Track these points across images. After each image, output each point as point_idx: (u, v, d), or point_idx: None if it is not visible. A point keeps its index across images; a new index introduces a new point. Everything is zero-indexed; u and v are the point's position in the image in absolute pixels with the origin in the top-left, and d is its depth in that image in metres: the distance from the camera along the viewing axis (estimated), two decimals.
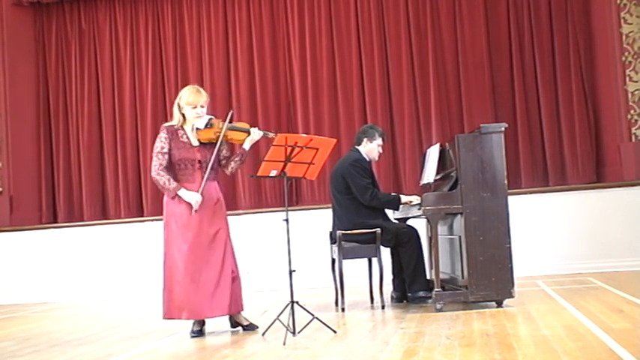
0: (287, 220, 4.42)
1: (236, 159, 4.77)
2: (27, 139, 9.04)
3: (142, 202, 8.78)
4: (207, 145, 4.65)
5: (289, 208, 4.47)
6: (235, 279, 4.68)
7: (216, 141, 4.62)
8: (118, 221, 8.60)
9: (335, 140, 4.63)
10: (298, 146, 4.37)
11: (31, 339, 5.05)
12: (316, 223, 7.19)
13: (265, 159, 4.42)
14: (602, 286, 5.83)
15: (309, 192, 8.28)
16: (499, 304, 4.88)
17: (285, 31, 8.58)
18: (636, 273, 6.70)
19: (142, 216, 8.63)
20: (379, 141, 5.64)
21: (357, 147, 5.65)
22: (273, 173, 4.47)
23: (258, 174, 4.51)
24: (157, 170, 4.58)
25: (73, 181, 9.00)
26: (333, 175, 5.64)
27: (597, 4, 7.75)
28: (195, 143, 4.66)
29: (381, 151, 5.71)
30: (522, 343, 3.53)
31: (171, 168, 4.61)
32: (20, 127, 8.98)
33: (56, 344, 4.70)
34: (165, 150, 4.59)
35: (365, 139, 5.61)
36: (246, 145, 4.72)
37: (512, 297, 4.86)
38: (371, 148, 5.62)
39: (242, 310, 4.73)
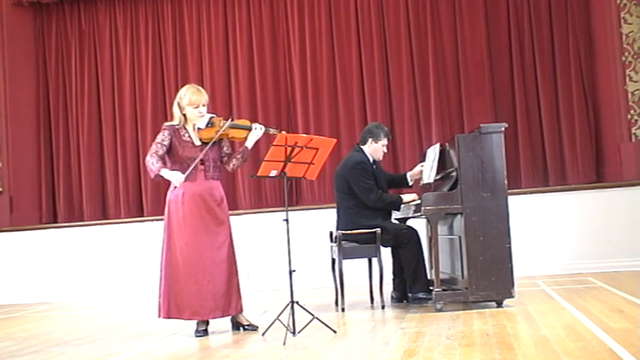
0: (287, 220, 4.42)
1: (238, 156, 4.77)
2: (27, 139, 9.04)
3: (142, 202, 8.77)
4: (209, 144, 4.65)
5: (289, 208, 4.48)
6: (237, 280, 4.69)
7: (218, 139, 4.63)
8: (118, 221, 8.59)
9: (335, 140, 4.64)
10: (298, 146, 4.37)
11: (31, 339, 5.05)
12: (316, 223, 7.20)
13: (265, 159, 4.42)
14: (602, 286, 5.83)
15: (309, 192, 8.27)
16: (499, 304, 4.88)
17: (285, 31, 8.57)
18: (636, 273, 6.69)
19: (142, 216, 8.63)
20: (384, 141, 5.63)
21: (360, 146, 5.64)
22: (273, 173, 4.47)
23: (258, 174, 4.52)
24: (150, 154, 4.58)
25: (73, 181, 8.99)
26: (336, 175, 5.65)
27: (597, 4, 7.75)
28: (198, 143, 4.66)
29: (385, 150, 5.70)
30: (522, 343, 3.53)
31: (174, 166, 4.61)
32: (20, 127, 8.98)
33: (56, 344, 4.70)
34: (165, 143, 4.59)
35: (370, 139, 5.60)
36: (249, 143, 4.72)
37: (512, 297, 4.86)
38: (376, 148, 5.62)
39: (242, 311, 4.73)
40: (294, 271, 4.38)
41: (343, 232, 5.41)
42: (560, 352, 3.23)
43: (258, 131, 4.70)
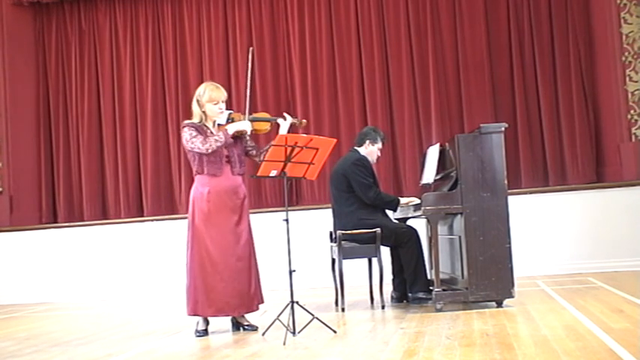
0: (287, 220, 4.43)
1: (267, 148, 4.79)
2: (27, 139, 9.03)
3: (142, 202, 8.77)
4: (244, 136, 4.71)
5: (289, 208, 4.48)
6: (258, 276, 4.75)
7: (240, 135, 4.69)
8: (118, 221, 8.59)
9: (335, 140, 4.64)
10: (298, 146, 4.37)
11: (31, 339, 5.05)
12: (316, 223, 7.19)
13: (265, 159, 4.42)
14: (602, 286, 5.83)
15: (309, 192, 8.28)
16: (499, 304, 4.88)
17: (285, 31, 8.58)
18: (636, 273, 6.70)
19: (142, 216, 8.63)
20: (380, 145, 5.69)
21: (356, 148, 5.67)
22: (273, 173, 4.47)
23: (258, 174, 4.52)
24: (198, 139, 4.55)
25: (73, 181, 9.00)
26: (334, 174, 5.64)
27: (597, 4, 7.75)
28: None
29: (379, 154, 5.75)
30: (522, 343, 3.53)
31: (201, 160, 4.63)
32: (20, 127, 8.98)
33: (56, 344, 4.70)
34: (198, 135, 4.59)
35: (368, 141, 5.64)
36: (283, 132, 4.72)
37: (512, 297, 4.86)
38: (371, 151, 5.66)
39: (262, 302, 4.76)
40: (294, 271, 4.38)
41: (343, 232, 5.41)
42: (560, 352, 3.23)
43: (287, 121, 4.78)
